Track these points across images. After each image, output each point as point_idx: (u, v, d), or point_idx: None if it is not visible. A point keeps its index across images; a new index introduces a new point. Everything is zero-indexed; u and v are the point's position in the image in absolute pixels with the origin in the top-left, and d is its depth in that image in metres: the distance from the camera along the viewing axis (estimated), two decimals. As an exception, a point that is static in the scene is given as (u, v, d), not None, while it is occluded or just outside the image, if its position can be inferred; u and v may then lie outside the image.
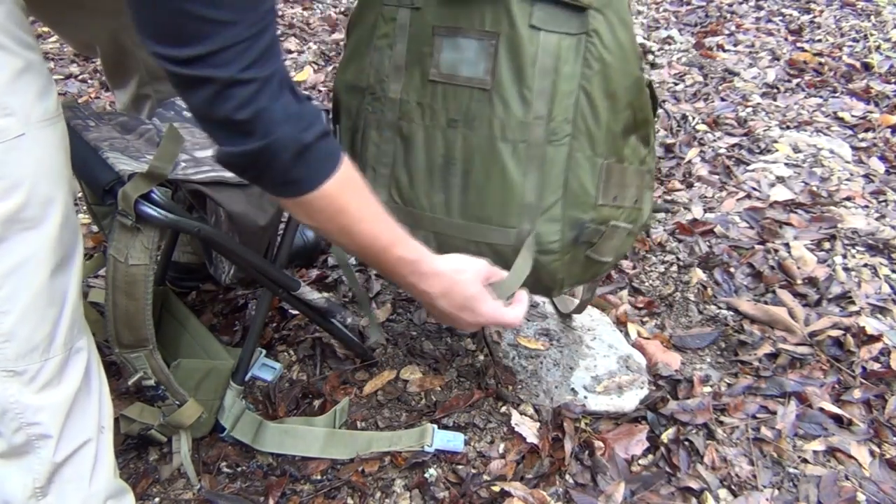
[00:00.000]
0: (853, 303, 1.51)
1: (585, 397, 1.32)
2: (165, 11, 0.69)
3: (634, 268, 1.70)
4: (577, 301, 1.42)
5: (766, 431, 1.26)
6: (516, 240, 1.02)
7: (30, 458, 0.84)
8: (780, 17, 3.14)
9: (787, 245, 1.68)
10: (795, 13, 3.17)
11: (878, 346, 1.40)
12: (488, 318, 0.99)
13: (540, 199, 1.01)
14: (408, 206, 1.09)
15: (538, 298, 1.53)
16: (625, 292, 1.63)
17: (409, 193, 1.09)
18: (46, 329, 0.82)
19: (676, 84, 2.55)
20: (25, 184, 0.76)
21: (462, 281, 0.96)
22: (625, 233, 1.08)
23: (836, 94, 2.45)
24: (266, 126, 0.75)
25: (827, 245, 1.70)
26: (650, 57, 2.75)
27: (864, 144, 2.13)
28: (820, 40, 2.89)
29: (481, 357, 1.44)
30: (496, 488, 1.16)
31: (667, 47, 2.84)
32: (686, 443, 1.24)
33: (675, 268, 1.68)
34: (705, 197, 1.93)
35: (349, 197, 0.85)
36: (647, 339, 1.48)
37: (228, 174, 1.10)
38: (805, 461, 1.21)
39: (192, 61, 0.70)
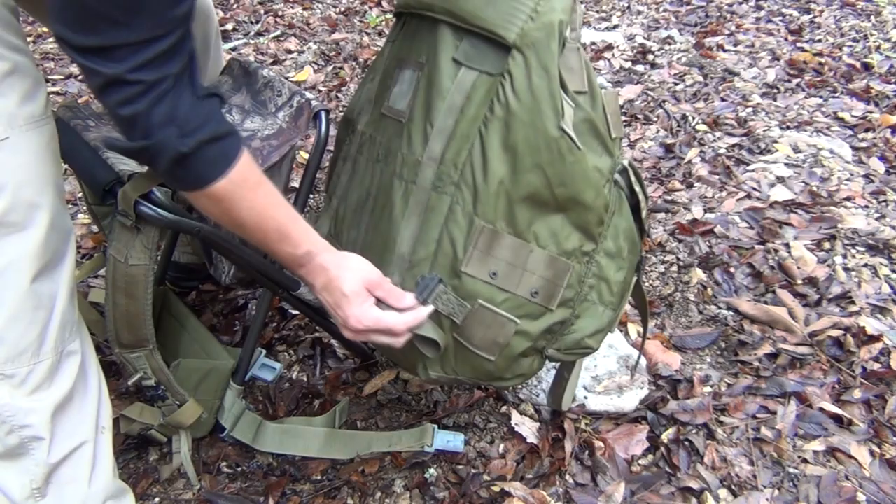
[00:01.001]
0: (853, 303, 1.51)
1: (585, 397, 1.32)
2: None
3: (634, 268, 1.70)
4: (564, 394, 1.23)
5: (766, 431, 1.26)
6: None
7: (25, 459, 0.85)
8: (780, 17, 3.13)
9: (787, 245, 1.68)
10: (795, 13, 3.17)
11: (878, 346, 1.40)
12: (355, 319, 0.88)
13: (412, 252, 0.91)
14: (335, 240, 1.03)
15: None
16: (625, 292, 1.62)
17: (339, 226, 1.05)
18: (35, 332, 0.82)
19: (676, 84, 2.55)
20: (9, 187, 0.76)
21: (340, 277, 0.88)
22: (510, 328, 0.91)
23: (836, 94, 2.44)
24: (144, 128, 0.73)
25: (827, 245, 1.69)
26: (650, 57, 2.75)
27: (864, 144, 2.13)
28: (820, 40, 2.89)
29: (481, 357, 1.44)
30: (496, 488, 1.16)
31: (667, 47, 2.84)
32: (686, 443, 1.24)
33: (675, 268, 1.68)
34: (705, 197, 1.93)
35: (239, 197, 0.81)
36: (648, 339, 1.48)
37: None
38: (805, 461, 1.21)
39: (84, 51, 0.69)
